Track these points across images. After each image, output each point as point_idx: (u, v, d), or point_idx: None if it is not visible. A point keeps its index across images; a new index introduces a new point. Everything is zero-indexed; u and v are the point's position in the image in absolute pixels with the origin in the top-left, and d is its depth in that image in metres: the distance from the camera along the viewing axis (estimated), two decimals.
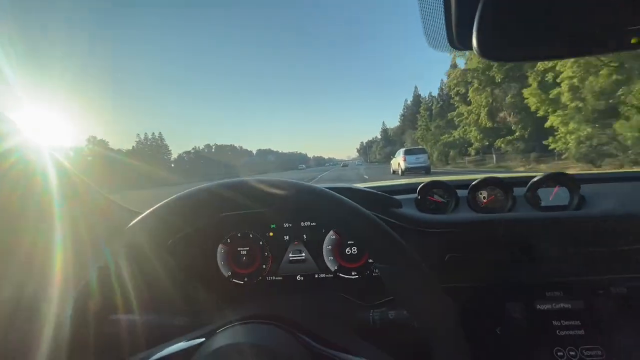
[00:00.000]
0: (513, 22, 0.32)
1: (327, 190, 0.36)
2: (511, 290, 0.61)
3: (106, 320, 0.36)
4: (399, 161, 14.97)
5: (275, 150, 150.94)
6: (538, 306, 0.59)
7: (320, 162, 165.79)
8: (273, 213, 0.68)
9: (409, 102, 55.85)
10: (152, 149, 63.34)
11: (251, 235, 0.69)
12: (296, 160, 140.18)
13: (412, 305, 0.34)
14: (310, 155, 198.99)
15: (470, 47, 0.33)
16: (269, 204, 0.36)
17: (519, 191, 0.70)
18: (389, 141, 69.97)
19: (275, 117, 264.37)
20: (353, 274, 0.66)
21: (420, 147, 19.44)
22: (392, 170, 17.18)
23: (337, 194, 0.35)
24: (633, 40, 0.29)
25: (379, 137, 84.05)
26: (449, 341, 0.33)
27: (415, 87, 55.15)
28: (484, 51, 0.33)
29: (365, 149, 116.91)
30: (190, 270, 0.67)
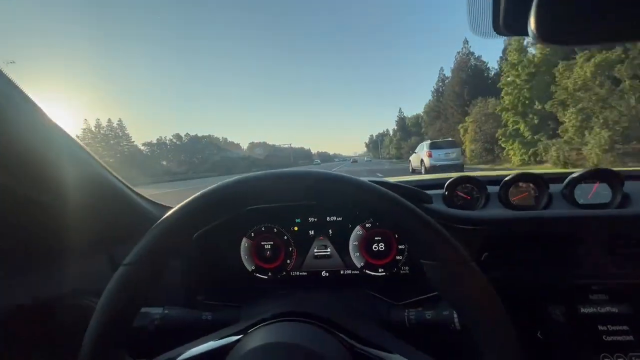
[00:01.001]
0: None
1: (374, 184, 0.40)
2: (552, 292, 0.70)
3: (139, 313, 0.42)
4: (421, 157, 14.61)
5: (270, 144, 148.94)
6: (582, 310, 0.67)
7: (325, 158, 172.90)
8: (308, 207, 0.78)
9: (444, 73, 44.10)
10: (107, 139, 62.51)
11: (275, 230, 0.79)
12: (299, 157, 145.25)
13: (464, 304, 0.38)
14: (314, 151, 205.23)
15: (519, 32, 0.36)
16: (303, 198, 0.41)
17: (555, 188, 0.78)
18: (408, 132, 68.59)
19: (274, 110, 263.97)
20: (380, 270, 0.76)
21: (449, 139, 17.59)
22: (410, 169, 16.67)
23: (383, 188, 0.40)
24: None
25: (395, 128, 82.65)
26: (506, 342, 0.36)
27: (465, 41, 37.01)
28: (544, 34, 0.33)
29: (376, 143, 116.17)
30: (214, 264, 0.78)
